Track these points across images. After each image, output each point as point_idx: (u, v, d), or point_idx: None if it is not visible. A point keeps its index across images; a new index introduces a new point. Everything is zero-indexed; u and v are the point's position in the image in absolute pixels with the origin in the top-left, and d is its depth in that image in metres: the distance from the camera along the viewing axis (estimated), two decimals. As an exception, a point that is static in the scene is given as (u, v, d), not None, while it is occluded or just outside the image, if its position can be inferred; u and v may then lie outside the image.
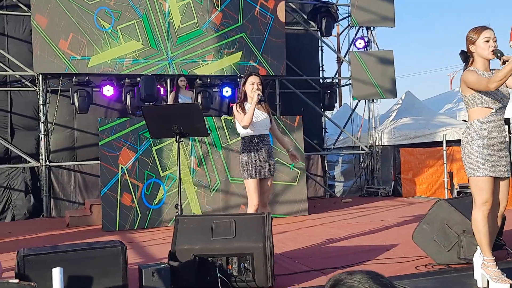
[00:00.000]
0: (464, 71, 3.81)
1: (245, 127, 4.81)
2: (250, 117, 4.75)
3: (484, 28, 3.71)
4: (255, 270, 3.91)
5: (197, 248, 3.92)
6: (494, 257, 3.76)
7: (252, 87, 4.87)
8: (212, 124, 7.82)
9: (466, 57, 3.84)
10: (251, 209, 4.80)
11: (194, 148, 7.76)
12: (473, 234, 4.32)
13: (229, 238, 3.96)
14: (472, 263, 4.04)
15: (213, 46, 9.56)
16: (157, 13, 9.18)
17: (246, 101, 4.93)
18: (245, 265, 3.92)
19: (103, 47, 8.97)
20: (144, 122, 7.15)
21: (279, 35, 10.07)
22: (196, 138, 7.66)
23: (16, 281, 2.87)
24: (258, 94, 4.81)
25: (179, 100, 8.64)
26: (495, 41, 3.71)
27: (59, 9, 8.73)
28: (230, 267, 3.93)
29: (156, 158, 7.57)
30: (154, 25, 9.16)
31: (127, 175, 7.42)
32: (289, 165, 7.21)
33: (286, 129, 8.31)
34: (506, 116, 9.64)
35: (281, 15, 10.10)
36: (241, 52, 9.74)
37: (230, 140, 7.93)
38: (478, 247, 3.96)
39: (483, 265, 3.78)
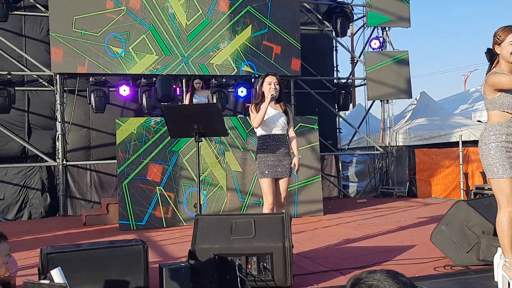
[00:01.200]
0: (488, 72, 3.74)
1: (255, 127, 4.90)
2: (261, 118, 4.81)
3: None
4: (274, 270, 3.92)
5: (216, 247, 3.94)
6: None
7: (269, 87, 4.90)
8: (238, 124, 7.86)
9: (492, 55, 3.74)
10: (266, 208, 4.84)
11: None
12: (493, 235, 4.31)
13: (249, 237, 3.98)
14: (492, 265, 4.02)
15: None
16: (163, 19, 9.20)
17: (264, 101, 4.95)
18: (265, 264, 3.93)
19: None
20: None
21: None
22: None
23: (47, 282, 2.91)
24: (271, 95, 4.83)
25: (194, 100, 8.69)
26: None
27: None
28: (249, 266, 3.94)
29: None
30: (163, 33, 9.17)
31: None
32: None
33: (302, 130, 8.32)
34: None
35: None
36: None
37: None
38: (498, 248, 3.94)
39: (504, 266, 3.76)
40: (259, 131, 4.96)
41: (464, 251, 4.46)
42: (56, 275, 3.01)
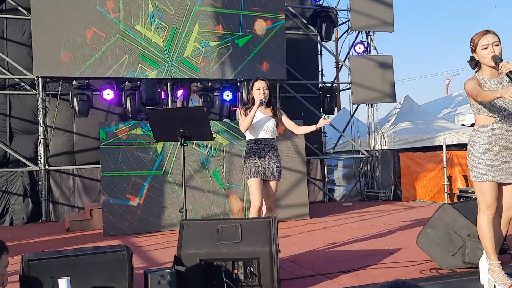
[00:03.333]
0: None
1: (243, 131, 4.90)
2: (248, 122, 4.80)
3: (483, 33, 3.64)
4: (261, 275, 3.89)
5: (203, 252, 3.90)
6: (499, 262, 3.75)
7: (258, 92, 4.89)
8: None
9: (476, 63, 3.77)
10: (253, 210, 4.78)
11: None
12: (478, 238, 4.32)
13: (235, 242, 3.94)
14: (477, 268, 4.04)
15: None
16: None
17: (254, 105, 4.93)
18: (251, 269, 3.90)
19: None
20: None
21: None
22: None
23: None
24: (260, 100, 4.82)
25: (191, 104, 8.70)
26: (497, 45, 3.61)
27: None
28: (236, 271, 3.91)
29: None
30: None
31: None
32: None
33: (288, 134, 8.31)
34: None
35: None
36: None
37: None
38: (484, 251, 3.95)
39: (489, 269, 3.77)
40: (248, 135, 4.96)
41: (449, 254, 4.48)
42: (63, 285, 3.02)
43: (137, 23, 8.98)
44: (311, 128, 5.04)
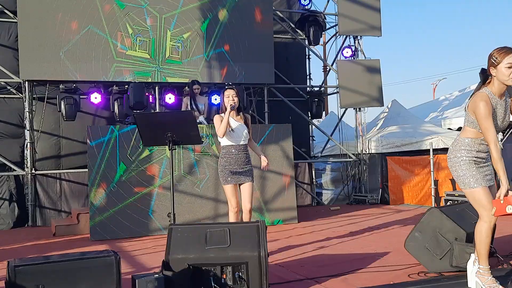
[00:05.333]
0: (477, 89, 3.74)
1: (220, 137, 5.31)
2: (224, 128, 5.21)
3: (509, 52, 3.58)
4: (250, 279, 3.88)
5: (191, 257, 3.88)
6: (489, 266, 3.79)
7: (228, 99, 5.31)
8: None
9: (486, 77, 3.71)
10: (231, 212, 5.28)
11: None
12: (465, 242, 4.37)
13: (224, 247, 3.93)
14: (465, 271, 4.07)
15: (196, 41, 9.51)
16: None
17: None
18: (240, 274, 3.89)
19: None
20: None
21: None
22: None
23: None
24: (230, 105, 5.26)
25: (199, 107, 8.74)
26: None
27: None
28: (224, 276, 3.90)
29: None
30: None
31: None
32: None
33: (276, 137, 8.32)
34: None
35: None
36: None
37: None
38: (471, 254, 3.99)
39: (478, 273, 3.80)
40: (224, 141, 5.37)
41: (437, 258, 4.50)
42: None
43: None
44: (257, 153, 5.61)
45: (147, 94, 9.21)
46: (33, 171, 9.05)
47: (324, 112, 13.92)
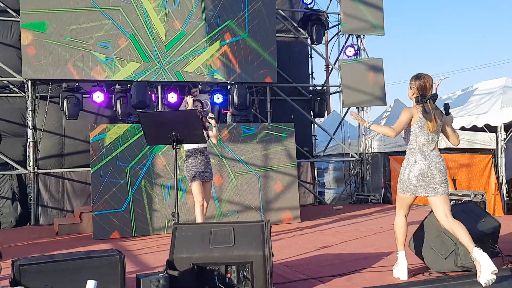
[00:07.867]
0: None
1: (216, 143, 6.41)
2: (216, 136, 6.11)
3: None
4: (254, 279, 3.88)
5: (195, 256, 3.88)
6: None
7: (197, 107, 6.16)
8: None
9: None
10: (198, 206, 5.93)
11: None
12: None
13: (228, 246, 3.92)
14: (470, 271, 4.06)
15: (200, 41, 9.46)
16: (143, 29, 9.02)
17: None
18: (244, 273, 3.89)
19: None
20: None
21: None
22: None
23: None
24: (213, 118, 6.05)
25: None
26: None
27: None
28: (229, 275, 3.89)
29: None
30: (142, 42, 9.01)
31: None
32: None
33: (279, 137, 8.32)
34: (494, 124, 9.72)
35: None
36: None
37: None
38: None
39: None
40: (186, 146, 5.99)
41: (442, 258, 4.49)
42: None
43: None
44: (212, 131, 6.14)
45: (149, 93, 9.20)
46: (36, 170, 9.05)
47: (326, 111, 13.88)
